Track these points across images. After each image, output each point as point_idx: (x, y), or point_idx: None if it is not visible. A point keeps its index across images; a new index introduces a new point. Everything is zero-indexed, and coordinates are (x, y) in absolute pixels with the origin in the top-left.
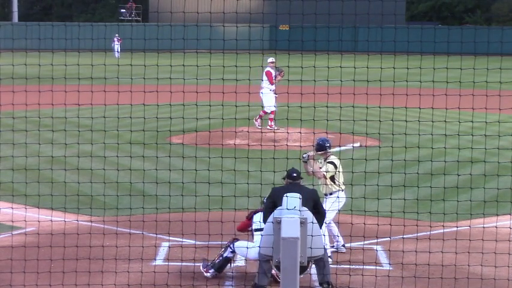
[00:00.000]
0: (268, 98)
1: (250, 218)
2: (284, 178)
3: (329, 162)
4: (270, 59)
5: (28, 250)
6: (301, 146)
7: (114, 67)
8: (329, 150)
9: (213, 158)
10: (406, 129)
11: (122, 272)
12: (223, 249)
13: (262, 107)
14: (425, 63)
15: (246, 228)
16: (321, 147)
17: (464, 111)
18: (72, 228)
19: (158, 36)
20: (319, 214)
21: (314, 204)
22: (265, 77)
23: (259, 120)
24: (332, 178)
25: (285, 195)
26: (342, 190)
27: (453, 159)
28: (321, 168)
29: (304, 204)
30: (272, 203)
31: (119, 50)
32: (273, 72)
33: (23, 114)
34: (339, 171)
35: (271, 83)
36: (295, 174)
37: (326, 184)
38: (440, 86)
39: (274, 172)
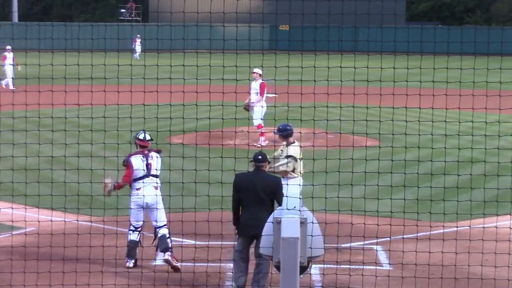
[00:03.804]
0: (257, 111)
1: (128, 166)
2: (251, 161)
3: (288, 156)
4: (257, 70)
5: (28, 250)
6: (301, 146)
7: (114, 67)
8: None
9: (213, 158)
10: (406, 129)
11: (122, 272)
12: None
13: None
14: (425, 63)
15: (131, 177)
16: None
17: (464, 111)
18: (72, 228)
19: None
20: (278, 203)
21: (274, 192)
22: (258, 90)
23: (261, 137)
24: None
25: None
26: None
27: (453, 159)
28: (281, 163)
29: (263, 192)
30: (237, 192)
31: (139, 51)
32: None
33: (23, 114)
34: (300, 159)
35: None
36: (260, 157)
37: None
38: (440, 86)
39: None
